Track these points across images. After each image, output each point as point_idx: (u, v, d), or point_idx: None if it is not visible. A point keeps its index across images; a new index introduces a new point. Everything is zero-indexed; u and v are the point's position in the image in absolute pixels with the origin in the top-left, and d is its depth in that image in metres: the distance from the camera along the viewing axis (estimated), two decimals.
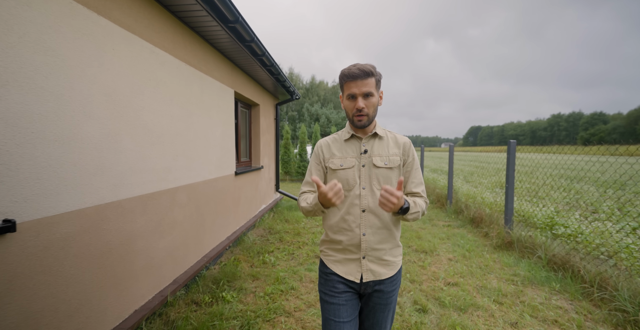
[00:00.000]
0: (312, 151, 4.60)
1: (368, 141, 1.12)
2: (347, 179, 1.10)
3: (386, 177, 1.08)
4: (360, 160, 1.10)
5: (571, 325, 2.05)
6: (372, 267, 1.09)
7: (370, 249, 1.08)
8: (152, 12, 2.06)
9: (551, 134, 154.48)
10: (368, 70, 1.01)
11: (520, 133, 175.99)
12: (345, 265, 1.11)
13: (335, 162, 1.13)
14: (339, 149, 1.15)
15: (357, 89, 1.02)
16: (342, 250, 1.12)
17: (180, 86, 2.46)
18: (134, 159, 1.90)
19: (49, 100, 1.31)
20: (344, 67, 1.04)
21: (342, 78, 1.05)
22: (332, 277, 1.12)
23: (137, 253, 1.93)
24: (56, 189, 1.35)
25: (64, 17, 1.38)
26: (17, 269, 1.18)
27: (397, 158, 1.10)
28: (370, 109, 1.05)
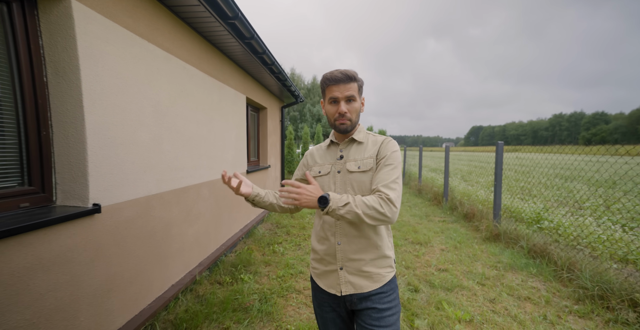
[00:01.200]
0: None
1: (345, 147, 1.10)
2: (323, 185, 1.08)
3: (360, 181, 1.02)
4: (335, 167, 1.08)
5: (540, 301, 2.40)
6: (351, 279, 1.03)
7: (346, 258, 1.03)
8: (184, 34, 2.43)
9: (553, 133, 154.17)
10: (351, 74, 0.99)
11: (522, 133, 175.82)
12: (326, 278, 1.08)
13: (315, 169, 1.13)
14: (320, 156, 1.15)
15: (339, 93, 0.99)
16: (321, 261, 1.09)
17: (204, 95, 2.83)
18: (171, 159, 2.27)
19: (116, 112, 1.68)
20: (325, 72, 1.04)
21: (324, 82, 1.02)
22: (318, 294, 1.12)
23: (173, 237, 2.30)
24: (122, 182, 1.72)
25: (126, 47, 1.75)
26: (101, 240, 1.56)
27: (371, 160, 1.03)
28: (352, 114, 1.02)
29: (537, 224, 4.19)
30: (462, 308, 2.30)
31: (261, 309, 2.23)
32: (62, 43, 1.40)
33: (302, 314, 2.22)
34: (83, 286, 1.46)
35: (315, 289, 1.14)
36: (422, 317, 2.19)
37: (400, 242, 3.94)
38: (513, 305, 2.35)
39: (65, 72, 1.42)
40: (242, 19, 2.53)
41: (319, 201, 0.91)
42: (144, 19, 1.91)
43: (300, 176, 1.22)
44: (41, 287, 1.26)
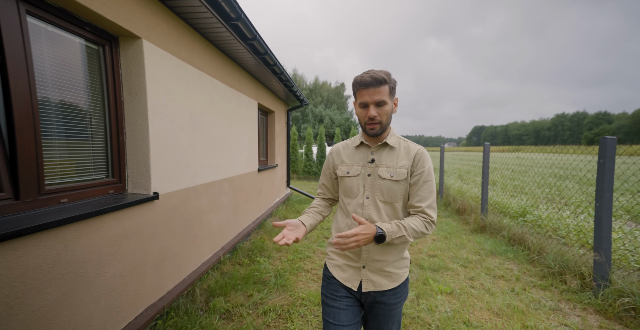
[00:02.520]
0: (317, 151, 5.79)
1: (377, 150, 1.09)
2: (351, 187, 1.08)
3: (390, 189, 1.03)
4: (366, 169, 1.08)
5: (512, 278, 2.85)
6: (373, 277, 1.06)
7: (370, 259, 1.05)
8: (211, 54, 2.89)
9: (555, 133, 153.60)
10: (381, 77, 0.97)
11: (524, 133, 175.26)
12: (345, 271, 1.09)
13: (342, 169, 1.12)
14: (348, 155, 1.13)
15: (369, 98, 0.98)
16: (342, 255, 1.11)
17: (225, 103, 3.29)
18: (201, 158, 2.73)
19: (167, 121, 2.15)
20: (356, 74, 1.08)
21: (354, 86, 1.02)
22: (333, 281, 1.11)
23: (203, 223, 2.77)
24: (170, 176, 2.19)
25: (173, 69, 2.21)
26: (158, 221, 2.03)
27: (405, 171, 1.04)
28: (383, 117, 1.01)
29: (522, 217, 4.62)
30: (445, 284, 2.75)
31: (276, 283, 2.69)
32: (134, 71, 1.86)
33: (311, 287, 2.67)
34: (147, 254, 1.93)
35: (329, 278, 1.13)
36: (410, 289, 2.64)
37: None
38: (488, 282, 2.79)
39: (136, 92, 1.88)
40: (259, 39, 2.99)
41: (376, 239, 0.94)
42: (185, 45, 2.37)
43: (329, 178, 1.20)
44: (126, 250, 1.73)
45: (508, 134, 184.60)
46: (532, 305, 2.35)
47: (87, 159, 1.68)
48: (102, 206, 1.54)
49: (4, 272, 1.10)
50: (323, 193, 1.25)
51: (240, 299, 2.39)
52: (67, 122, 1.55)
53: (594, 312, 2.21)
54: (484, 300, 2.43)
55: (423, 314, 2.22)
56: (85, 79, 1.65)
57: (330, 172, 1.19)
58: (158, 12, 1.99)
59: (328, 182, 1.21)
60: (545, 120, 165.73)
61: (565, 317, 2.17)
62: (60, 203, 1.46)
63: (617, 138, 2.23)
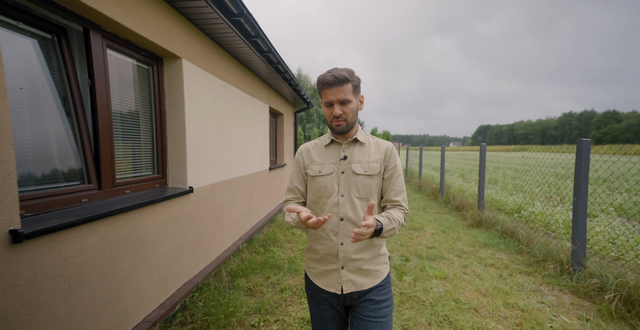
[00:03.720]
0: None
1: (348, 147, 1.09)
2: (325, 185, 1.06)
3: (365, 185, 1.04)
4: (339, 167, 1.07)
5: (501, 266, 3.16)
6: (352, 277, 1.05)
7: (348, 258, 1.05)
8: (232, 66, 3.26)
9: (562, 133, 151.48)
10: (343, 76, 0.98)
11: (530, 132, 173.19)
12: (325, 277, 1.08)
13: (314, 168, 1.09)
14: (318, 154, 1.11)
15: (332, 96, 0.99)
16: (320, 260, 1.09)
17: (242, 108, 3.66)
18: (224, 158, 3.10)
19: (198, 126, 2.51)
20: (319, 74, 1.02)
21: (318, 85, 1.03)
22: (317, 293, 1.11)
23: (225, 215, 3.14)
24: (201, 173, 2.56)
25: (203, 82, 2.58)
26: (192, 211, 2.40)
27: (378, 165, 1.06)
28: (348, 115, 1.02)
29: (517, 214, 4.91)
30: (440, 270, 3.08)
31: (290, 268, 3.04)
32: (175, 85, 2.23)
33: None
34: (185, 238, 2.30)
35: (312, 289, 1.13)
36: (409, 275, 2.98)
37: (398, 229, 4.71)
38: (479, 269, 3.11)
39: (175, 103, 2.25)
40: (274, 51, 3.35)
41: (375, 233, 0.94)
42: (212, 60, 2.74)
43: (302, 179, 1.14)
44: (171, 233, 2.10)
45: (514, 133, 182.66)
46: (516, 287, 2.67)
47: (140, 159, 2.06)
48: (154, 197, 1.91)
49: (100, 242, 1.47)
50: (297, 198, 1.15)
51: (259, 280, 2.75)
52: (126, 128, 1.92)
53: (569, 292, 2.52)
54: (473, 284, 2.75)
55: (418, 294, 2.56)
56: (138, 93, 2.03)
57: (302, 173, 1.13)
58: (193, 34, 2.36)
59: (302, 184, 1.14)
60: (552, 119, 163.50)
61: (543, 296, 2.49)
62: (125, 193, 1.83)
63: (590, 140, 2.53)
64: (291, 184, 1.17)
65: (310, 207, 1.12)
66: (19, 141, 1.26)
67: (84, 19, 1.51)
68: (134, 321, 1.74)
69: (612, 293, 2.17)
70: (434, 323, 2.12)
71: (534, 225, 4.19)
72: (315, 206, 1.10)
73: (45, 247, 1.19)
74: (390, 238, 4.17)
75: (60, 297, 1.26)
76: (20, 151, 1.26)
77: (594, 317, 2.14)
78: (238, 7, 2.20)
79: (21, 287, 1.10)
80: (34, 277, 1.15)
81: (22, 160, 1.29)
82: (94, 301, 1.44)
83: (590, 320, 2.10)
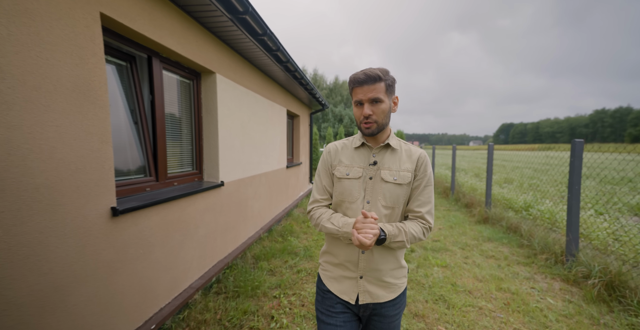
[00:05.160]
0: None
1: (379, 152, 1.04)
2: (351, 189, 1.02)
3: (393, 193, 0.99)
4: (367, 172, 1.02)
5: (501, 258, 3.39)
6: (370, 288, 1.02)
7: (368, 268, 1.01)
8: (255, 75, 3.69)
9: (594, 131, 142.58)
10: (375, 74, 0.93)
11: (557, 130, 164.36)
12: (340, 283, 1.05)
13: (341, 169, 1.05)
14: (347, 156, 1.07)
15: (363, 95, 0.95)
16: (338, 266, 1.05)
17: (263, 112, 4.09)
18: (248, 157, 3.53)
19: (227, 129, 2.94)
20: (352, 72, 0.98)
21: (350, 84, 0.99)
22: (329, 295, 1.06)
23: (248, 207, 3.58)
24: (229, 170, 2.99)
25: (231, 91, 3.01)
26: (222, 202, 2.84)
27: (409, 174, 1.00)
28: (379, 116, 0.96)
29: (525, 211, 5.05)
30: (442, 260, 3.35)
31: (305, 254, 3.43)
32: (209, 96, 2.67)
33: None
34: (217, 224, 2.75)
35: (324, 291, 1.08)
36: (412, 263, 3.28)
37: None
38: (480, 260, 3.36)
39: (210, 110, 2.69)
40: (291, 61, 3.74)
41: (377, 242, 0.91)
42: (239, 72, 3.17)
43: (330, 179, 1.09)
44: (207, 219, 2.54)
45: (539, 132, 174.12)
46: (511, 275, 2.91)
47: (183, 157, 2.51)
48: (194, 189, 2.35)
49: (160, 221, 1.92)
50: (326, 199, 1.09)
51: (278, 263, 3.16)
52: (174, 132, 2.37)
53: (560, 280, 2.74)
54: (472, 272, 3.02)
55: (419, 278, 2.87)
56: (182, 103, 2.48)
57: (329, 173, 1.08)
58: (224, 52, 2.80)
59: (330, 185, 1.08)
60: (582, 117, 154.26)
61: (535, 283, 2.73)
62: (174, 185, 2.29)
63: (583, 141, 2.72)
64: (319, 182, 1.10)
65: (334, 210, 1.08)
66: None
67: (149, 49, 1.96)
68: (183, 286, 2.19)
69: (597, 279, 2.38)
70: (430, 300, 2.43)
71: (540, 222, 4.34)
72: (338, 209, 1.06)
73: (129, 222, 1.64)
74: None
75: (138, 258, 1.71)
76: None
77: (577, 300, 2.37)
78: (262, 28, 2.60)
79: (116, 248, 1.55)
80: (123, 242, 1.60)
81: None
82: (158, 266, 1.89)
83: (573, 302, 2.34)
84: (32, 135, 1.12)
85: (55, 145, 1.21)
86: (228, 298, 2.39)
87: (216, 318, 2.11)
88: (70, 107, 1.27)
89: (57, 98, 1.21)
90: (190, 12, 2.12)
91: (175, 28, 2.02)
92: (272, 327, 2.04)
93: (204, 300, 2.31)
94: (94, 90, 1.39)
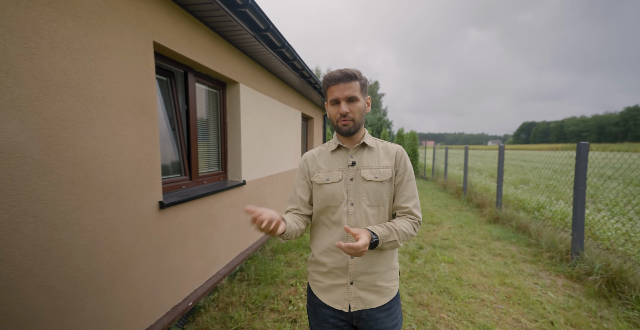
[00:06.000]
0: None
1: (356, 152, 1.04)
2: (333, 194, 1.01)
3: (376, 192, 1.00)
4: (347, 174, 1.02)
5: (508, 256, 3.50)
6: (362, 294, 1.00)
7: (359, 273, 0.99)
8: (272, 82, 3.98)
9: (625, 129, 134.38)
10: (351, 73, 0.96)
11: (584, 129, 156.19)
12: (331, 293, 1.02)
13: (320, 176, 1.04)
14: (325, 161, 1.06)
15: (339, 93, 0.95)
16: (327, 274, 1.03)
17: (280, 116, 4.37)
18: (266, 158, 3.83)
19: (248, 133, 3.24)
20: (326, 72, 0.98)
21: (324, 82, 0.99)
22: (320, 310, 1.04)
23: (267, 204, 3.87)
24: (250, 170, 3.29)
25: (251, 98, 3.31)
26: (245, 199, 3.14)
27: (389, 170, 1.01)
28: (355, 114, 0.97)
29: (537, 211, 5.07)
30: (449, 256, 3.51)
31: None
32: (234, 103, 2.98)
33: None
34: (240, 219, 3.05)
35: (315, 304, 1.06)
36: (420, 258, 3.46)
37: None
38: (487, 257, 3.49)
39: (234, 116, 3.00)
40: (307, 68, 4.01)
41: (371, 246, 0.89)
42: (258, 80, 3.47)
43: (306, 189, 1.08)
44: (232, 214, 2.85)
45: (564, 131, 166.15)
46: (516, 272, 3.04)
47: (211, 158, 2.83)
48: (221, 187, 2.65)
49: (194, 214, 2.23)
50: (297, 209, 1.09)
51: (294, 256, 3.43)
52: (203, 136, 2.69)
53: (564, 277, 2.85)
54: (477, 268, 3.17)
55: (426, 272, 3.05)
56: (210, 110, 2.79)
57: (307, 181, 1.08)
58: (247, 63, 3.09)
59: (305, 194, 1.08)
60: (612, 114, 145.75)
61: (539, 279, 2.84)
62: (204, 183, 2.60)
63: (588, 143, 2.82)
64: (293, 193, 1.11)
65: (317, 218, 1.07)
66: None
67: (186, 66, 2.27)
68: (212, 272, 2.50)
69: (598, 276, 2.48)
70: (434, 292, 2.62)
71: (552, 223, 4.38)
72: (322, 216, 1.05)
73: (172, 214, 1.95)
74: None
75: (178, 246, 2.02)
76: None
77: (578, 295, 2.48)
78: (280, 41, 2.87)
79: (162, 236, 1.87)
80: (167, 230, 1.91)
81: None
82: (192, 253, 2.20)
83: (573, 297, 2.46)
84: (108, 143, 1.43)
85: (122, 151, 1.52)
86: (250, 284, 2.68)
87: (241, 301, 2.40)
88: (132, 120, 1.59)
89: (124, 113, 1.52)
90: (220, 32, 2.42)
91: (207, 46, 2.32)
92: (290, 309, 2.30)
93: (229, 286, 2.61)
94: (148, 105, 1.70)
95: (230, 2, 2.00)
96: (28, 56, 1.07)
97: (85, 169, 1.32)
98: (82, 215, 1.32)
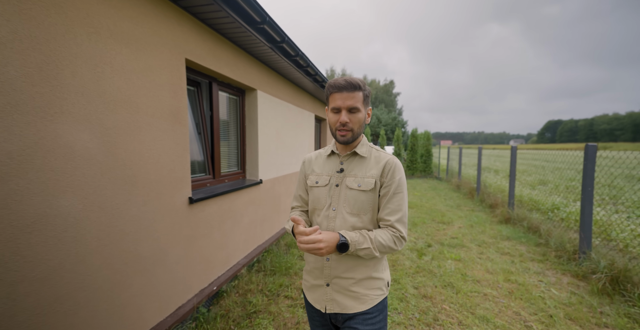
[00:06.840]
0: None
1: (347, 159, 1.06)
2: (319, 197, 1.04)
3: (358, 200, 0.99)
4: (334, 179, 1.04)
5: (516, 255, 3.56)
6: (337, 297, 1.01)
7: (333, 276, 1.01)
8: (287, 87, 4.23)
9: None
10: (356, 83, 0.96)
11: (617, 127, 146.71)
12: (313, 292, 1.07)
13: (312, 178, 1.09)
14: (319, 165, 1.11)
15: (341, 102, 0.96)
16: (310, 273, 1.08)
17: (294, 119, 4.61)
18: (281, 158, 4.08)
19: (264, 136, 3.49)
20: (331, 79, 1.00)
21: (328, 89, 1.00)
22: (309, 306, 1.10)
23: (281, 203, 4.12)
24: (266, 170, 3.55)
25: (268, 103, 3.56)
26: (261, 197, 3.40)
27: (372, 180, 0.99)
28: (355, 125, 0.98)
29: (551, 212, 5.03)
30: (456, 254, 3.62)
31: None
32: (252, 108, 3.24)
33: None
34: (257, 215, 3.31)
35: (305, 301, 1.12)
36: (427, 255, 3.59)
37: (427, 222, 5.23)
38: (494, 256, 3.57)
39: (252, 120, 3.26)
40: (320, 73, 4.23)
41: (338, 248, 0.90)
42: (274, 86, 3.72)
43: (304, 188, 1.15)
44: (250, 211, 3.11)
45: (593, 129, 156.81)
46: (522, 270, 3.11)
47: (231, 159, 3.10)
48: (240, 185, 2.92)
49: (217, 210, 2.50)
50: (300, 206, 1.16)
51: None
52: (224, 138, 2.96)
53: (570, 275, 2.90)
54: (484, 265, 3.26)
55: (432, 268, 3.18)
56: (231, 115, 3.07)
57: (304, 181, 1.15)
58: (264, 71, 3.35)
59: (304, 192, 1.15)
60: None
61: (545, 277, 2.91)
62: (225, 182, 2.88)
63: (597, 145, 2.85)
64: (296, 191, 1.18)
65: (310, 217, 1.12)
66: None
67: (210, 77, 2.55)
68: (233, 262, 2.77)
69: (603, 274, 2.54)
70: (439, 286, 2.76)
71: (566, 224, 4.35)
72: (313, 216, 1.10)
73: (199, 208, 2.23)
74: (419, 228, 4.75)
75: (204, 237, 2.30)
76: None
77: (581, 292, 2.55)
78: (294, 50, 3.10)
79: (191, 227, 2.14)
80: (195, 223, 2.19)
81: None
82: (216, 244, 2.48)
83: (576, 294, 2.53)
84: (150, 147, 1.71)
85: (160, 154, 1.80)
86: (266, 275, 2.93)
87: (258, 288, 2.66)
88: (168, 127, 1.86)
89: (162, 121, 1.80)
90: (241, 45, 2.68)
91: (229, 59, 2.59)
92: (302, 297, 2.53)
93: (248, 275, 2.87)
94: (180, 113, 1.98)
95: (250, 20, 2.25)
96: (96, 79, 1.35)
97: (134, 169, 1.60)
98: (131, 207, 1.59)
